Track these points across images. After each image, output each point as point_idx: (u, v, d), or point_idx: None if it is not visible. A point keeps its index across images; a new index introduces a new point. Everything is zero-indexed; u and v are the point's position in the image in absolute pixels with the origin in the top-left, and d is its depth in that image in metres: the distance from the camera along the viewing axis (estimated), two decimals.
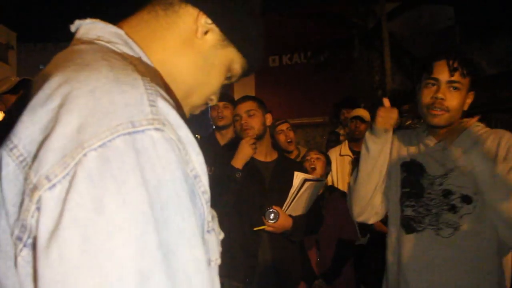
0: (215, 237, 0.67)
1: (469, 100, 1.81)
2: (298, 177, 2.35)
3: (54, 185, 0.52)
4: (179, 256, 0.54)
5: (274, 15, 16.29)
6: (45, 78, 0.60)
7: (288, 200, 2.38)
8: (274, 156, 2.59)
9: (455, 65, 1.75)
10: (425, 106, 1.80)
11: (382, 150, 1.92)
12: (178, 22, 0.77)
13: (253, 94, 15.17)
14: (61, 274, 0.49)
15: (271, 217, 2.31)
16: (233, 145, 2.64)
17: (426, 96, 1.79)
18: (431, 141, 1.88)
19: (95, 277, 0.49)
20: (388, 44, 11.36)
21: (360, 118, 4.30)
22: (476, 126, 1.83)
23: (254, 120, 2.47)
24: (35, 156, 0.55)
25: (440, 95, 1.75)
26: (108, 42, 0.70)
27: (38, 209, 0.53)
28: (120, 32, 0.73)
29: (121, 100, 0.56)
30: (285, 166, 2.55)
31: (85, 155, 0.52)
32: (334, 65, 13.18)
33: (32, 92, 0.62)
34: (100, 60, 0.62)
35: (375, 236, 3.38)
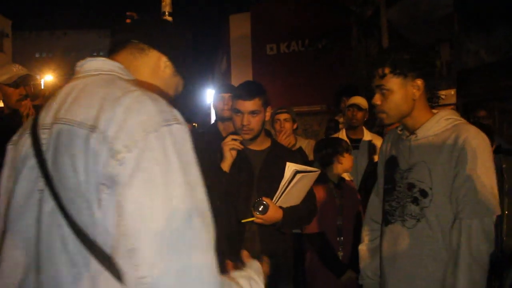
0: None
1: (414, 90, 1.87)
2: (289, 168, 2.26)
3: (130, 151, 0.94)
4: (196, 188, 0.99)
5: (272, 3, 16.17)
6: (90, 94, 1.06)
7: (278, 191, 2.31)
8: (267, 144, 2.54)
9: (374, 72, 1.93)
10: None
11: None
12: (149, 61, 1.26)
13: None
14: (140, 195, 0.92)
15: (260, 209, 2.25)
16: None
17: None
18: (404, 135, 1.99)
19: (160, 194, 0.93)
20: (386, 32, 11.29)
21: (356, 106, 4.28)
22: (443, 118, 1.89)
23: (256, 119, 2.40)
24: (115, 137, 0.96)
25: (373, 101, 1.95)
26: (118, 73, 1.16)
27: (120, 164, 0.94)
28: (122, 66, 1.19)
29: (158, 108, 1.01)
30: (277, 154, 2.49)
31: (147, 135, 0.96)
32: (332, 53, 13.12)
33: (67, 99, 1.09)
34: (130, 86, 1.07)
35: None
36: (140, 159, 0.94)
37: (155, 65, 1.27)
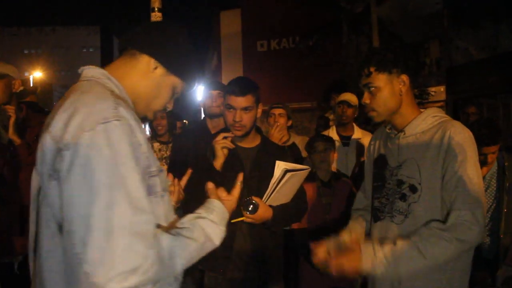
0: (159, 178, 1.30)
1: (400, 85, 1.92)
2: (279, 167, 2.23)
3: (68, 148, 1.13)
4: (127, 178, 1.14)
5: (263, 0, 16.14)
6: (64, 99, 1.25)
7: (268, 190, 2.28)
8: (257, 141, 2.53)
9: (361, 72, 1.95)
10: None
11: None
12: (139, 64, 1.39)
13: None
14: (73, 186, 1.12)
15: (250, 209, 2.22)
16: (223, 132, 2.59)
17: None
18: (392, 133, 2.03)
19: (88, 185, 1.10)
20: (376, 29, 11.32)
21: (346, 103, 4.26)
22: (430, 115, 1.93)
23: (248, 116, 2.38)
24: (60, 136, 1.15)
25: (363, 101, 1.99)
26: (98, 78, 1.33)
27: (61, 160, 1.14)
28: (105, 72, 1.35)
29: (100, 107, 1.17)
30: (267, 151, 2.47)
31: (82, 133, 1.12)
32: (322, 50, 13.13)
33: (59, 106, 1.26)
34: (90, 90, 1.26)
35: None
36: (74, 156, 1.12)
37: (145, 67, 1.39)
